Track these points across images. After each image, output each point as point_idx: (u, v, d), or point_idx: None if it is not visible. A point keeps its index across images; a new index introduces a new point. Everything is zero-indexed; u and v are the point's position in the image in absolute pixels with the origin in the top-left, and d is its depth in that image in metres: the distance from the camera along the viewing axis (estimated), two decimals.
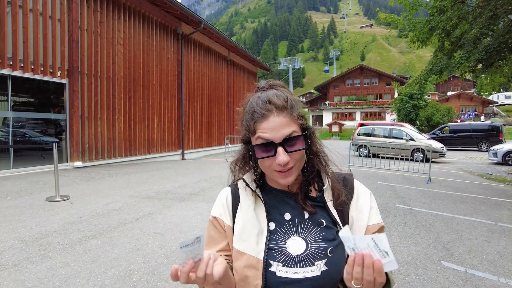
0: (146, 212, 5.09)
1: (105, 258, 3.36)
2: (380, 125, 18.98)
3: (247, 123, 0.86)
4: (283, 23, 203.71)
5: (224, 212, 0.92)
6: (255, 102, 0.85)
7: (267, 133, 0.81)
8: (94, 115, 9.67)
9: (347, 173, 0.98)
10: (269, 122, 0.81)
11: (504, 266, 3.52)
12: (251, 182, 0.92)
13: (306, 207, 0.87)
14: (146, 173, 9.06)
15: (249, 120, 0.85)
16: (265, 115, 0.82)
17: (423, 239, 4.32)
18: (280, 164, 0.79)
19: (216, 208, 0.95)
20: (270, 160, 0.82)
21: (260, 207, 0.89)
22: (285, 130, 0.81)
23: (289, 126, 0.82)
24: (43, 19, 8.43)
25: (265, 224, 0.85)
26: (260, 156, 0.83)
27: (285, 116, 0.82)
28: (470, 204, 6.38)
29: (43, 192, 6.10)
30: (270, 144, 0.81)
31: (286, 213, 0.88)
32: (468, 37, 8.13)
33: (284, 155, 0.79)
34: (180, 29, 13.42)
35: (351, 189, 0.93)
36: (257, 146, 0.82)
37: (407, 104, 30.98)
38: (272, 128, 0.80)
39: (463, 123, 25.34)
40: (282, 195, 0.91)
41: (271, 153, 0.81)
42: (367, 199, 0.92)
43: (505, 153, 13.56)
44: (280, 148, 0.80)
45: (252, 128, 0.84)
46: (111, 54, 10.27)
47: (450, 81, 58.84)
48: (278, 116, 0.81)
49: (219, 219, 0.92)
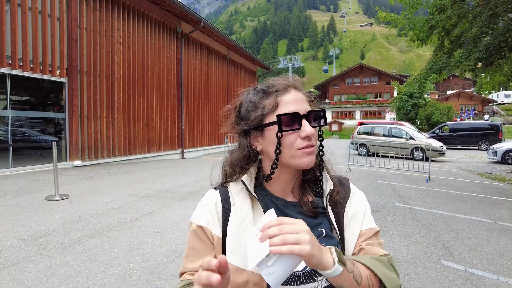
0: (145, 211, 5.08)
1: (104, 257, 3.36)
2: (380, 124, 18.98)
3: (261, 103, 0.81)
4: (283, 21, 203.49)
5: (213, 220, 0.81)
6: (271, 81, 0.84)
7: (292, 104, 0.77)
8: (94, 114, 9.66)
9: (343, 177, 0.92)
10: (293, 94, 0.79)
11: (504, 265, 3.52)
12: (250, 184, 0.82)
13: (310, 212, 0.81)
14: (145, 172, 9.06)
15: (265, 97, 0.80)
16: (287, 89, 0.80)
17: (422, 238, 4.32)
18: (308, 135, 0.75)
19: (202, 216, 0.82)
20: (294, 136, 0.77)
21: (258, 215, 0.79)
22: (306, 104, 0.80)
23: (307, 103, 0.81)
24: (42, 18, 8.40)
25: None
26: (285, 129, 0.77)
27: (302, 93, 0.82)
28: (469, 203, 6.38)
29: (43, 191, 6.09)
30: (294, 117, 0.76)
31: None
32: (468, 36, 8.12)
33: (310, 127, 0.76)
34: (180, 27, 13.39)
35: (347, 193, 0.88)
36: (284, 115, 0.76)
37: (406, 103, 30.97)
38: (295, 100, 0.78)
39: (463, 122, 25.35)
40: (279, 203, 0.83)
41: (296, 126, 0.76)
42: (362, 202, 0.87)
43: (505, 152, 13.57)
44: (305, 121, 0.76)
45: (273, 102, 0.79)
46: (111, 52, 10.24)
47: (449, 80, 58.80)
48: (298, 92, 0.81)
49: (206, 229, 0.80)
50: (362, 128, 16.92)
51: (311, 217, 0.80)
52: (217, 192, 0.85)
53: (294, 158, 0.77)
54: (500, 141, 18.21)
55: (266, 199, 0.83)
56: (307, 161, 0.77)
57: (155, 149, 12.16)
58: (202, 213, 0.83)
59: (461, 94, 46.58)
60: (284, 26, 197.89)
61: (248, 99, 0.84)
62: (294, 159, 0.78)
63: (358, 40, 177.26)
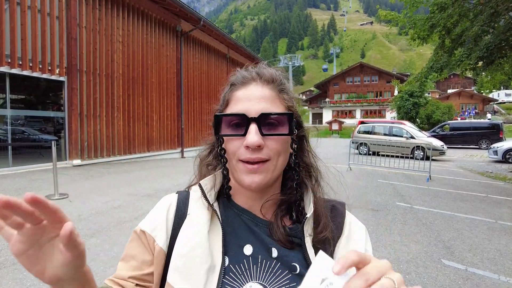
0: (145, 210, 5.07)
1: (104, 257, 3.35)
2: (380, 123, 18.96)
3: (223, 98, 0.70)
4: (283, 20, 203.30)
5: (160, 227, 0.66)
6: (239, 72, 0.71)
7: (241, 103, 0.63)
8: (93, 113, 9.64)
9: (338, 201, 0.74)
10: (248, 89, 0.64)
11: (505, 264, 3.51)
12: (210, 191, 0.67)
13: (282, 241, 0.63)
14: (145, 171, 9.05)
15: (225, 92, 0.69)
16: (245, 82, 0.66)
17: (423, 237, 4.31)
18: (248, 145, 0.59)
19: (149, 220, 0.68)
20: (237, 142, 0.62)
21: (216, 231, 0.63)
22: (266, 104, 0.63)
23: (273, 103, 0.64)
24: (42, 16, 8.38)
25: (219, 258, 0.60)
26: (226, 133, 0.63)
27: (270, 90, 0.65)
28: (470, 202, 6.37)
29: (42, 190, 6.08)
30: (242, 120, 0.61)
31: (247, 244, 0.63)
32: (468, 35, 8.09)
33: (256, 135, 0.59)
34: (179, 26, 13.37)
35: (341, 224, 0.69)
36: (225, 116, 0.63)
37: (407, 102, 30.94)
38: (249, 97, 0.63)
39: (463, 121, 25.33)
40: (247, 218, 0.67)
41: (240, 131, 0.61)
42: (361, 239, 0.67)
43: (506, 151, 13.55)
44: (254, 126, 0.60)
45: (226, 98, 0.67)
46: (110, 51, 10.22)
47: (450, 79, 58.77)
48: (261, 87, 0.65)
49: (149, 236, 0.65)
50: (363, 127, 16.90)
51: (284, 246, 0.63)
52: (176, 196, 0.72)
53: (236, 172, 0.64)
54: (500, 140, 18.18)
55: (230, 212, 0.68)
56: (247, 181, 0.61)
57: (154, 148, 12.15)
58: (149, 217, 0.69)
59: (462, 93, 46.57)
60: (284, 25, 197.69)
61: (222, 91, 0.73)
62: (236, 172, 0.64)
63: (358, 38, 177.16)
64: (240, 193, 0.69)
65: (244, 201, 0.69)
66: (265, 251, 0.63)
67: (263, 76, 0.66)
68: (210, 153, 0.75)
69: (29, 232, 0.41)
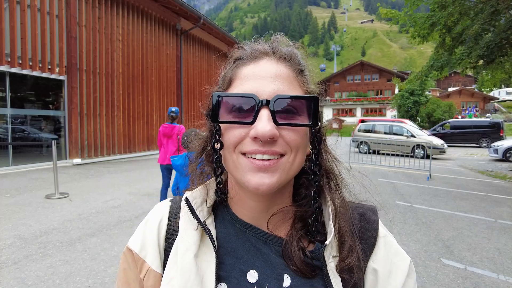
0: (145, 210, 5.08)
1: (104, 256, 3.36)
2: (381, 121, 18.93)
3: (223, 77, 0.55)
4: (283, 18, 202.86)
5: (151, 246, 0.55)
6: (247, 45, 0.56)
7: (249, 82, 0.49)
8: (93, 111, 9.64)
9: (368, 207, 0.60)
10: (259, 65, 0.50)
11: (504, 263, 3.51)
12: (201, 205, 0.54)
13: (301, 268, 0.50)
14: (145, 170, 9.05)
15: (228, 69, 0.55)
16: (256, 57, 0.52)
17: (423, 236, 4.31)
18: (257, 136, 0.45)
19: (138, 237, 0.57)
20: (240, 131, 0.48)
21: (207, 253, 0.51)
22: (282, 85, 0.49)
23: (291, 85, 0.50)
24: (41, 15, 8.37)
25: (210, 286, 0.48)
26: (226, 119, 0.48)
27: (287, 68, 0.51)
28: (470, 201, 6.37)
29: (42, 190, 6.09)
30: (249, 103, 0.47)
31: (251, 270, 0.51)
32: (469, 33, 8.08)
33: (268, 123, 0.45)
34: (179, 24, 13.34)
35: (373, 238, 0.54)
36: (226, 97, 0.48)
37: (407, 100, 30.92)
38: (260, 74, 0.49)
39: (464, 120, 25.29)
40: (252, 235, 0.54)
41: (247, 118, 0.47)
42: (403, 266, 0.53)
43: (506, 149, 13.53)
44: (265, 111, 0.46)
45: (228, 76, 0.53)
46: (110, 50, 10.21)
47: (451, 77, 58.66)
48: (276, 63, 0.51)
49: (137, 257, 0.55)
50: (363, 126, 16.89)
51: (301, 275, 0.50)
52: (168, 205, 0.60)
53: (237, 169, 0.49)
54: (501, 138, 18.16)
55: (232, 229, 0.55)
56: (254, 182, 0.46)
57: (155, 147, 12.16)
58: (138, 233, 0.58)
59: (463, 91, 46.49)
60: (285, 23, 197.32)
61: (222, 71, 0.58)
62: (237, 171, 0.49)
63: (359, 36, 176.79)
64: (240, 202, 0.55)
65: (245, 213, 0.55)
66: (275, 279, 0.50)
67: (278, 51, 0.52)
68: (203, 151, 0.60)
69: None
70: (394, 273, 0.52)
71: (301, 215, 0.54)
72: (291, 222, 0.55)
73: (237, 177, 0.49)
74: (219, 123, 0.49)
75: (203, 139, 0.60)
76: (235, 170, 0.49)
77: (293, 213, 0.54)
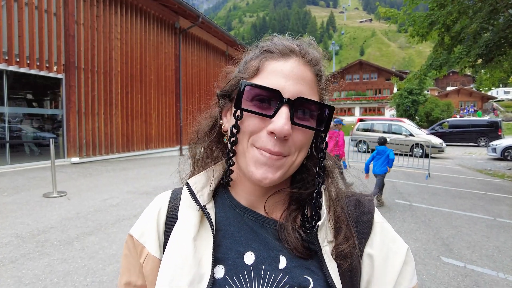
0: (144, 208, 5.04)
1: (103, 255, 3.34)
2: (379, 120, 18.96)
3: (247, 64, 0.57)
4: (282, 17, 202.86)
5: (150, 232, 0.59)
6: (278, 39, 0.59)
7: (276, 77, 0.51)
8: (91, 110, 9.60)
9: (363, 195, 0.62)
10: (288, 64, 0.52)
11: (503, 261, 3.51)
12: (202, 190, 0.58)
13: (295, 248, 0.52)
14: (143, 168, 9.03)
15: (254, 57, 0.56)
16: (286, 54, 0.54)
17: (422, 234, 4.31)
18: (275, 132, 0.49)
19: (139, 224, 0.61)
20: (259, 122, 0.51)
21: (205, 235, 0.54)
22: (305, 88, 0.52)
23: (311, 89, 0.53)
24: (39, 13, 8.32)
25: (207, 267, 0.51)
26: (247, 106, 0.51)
27: (311, 73, 0.54)
28: (469, 200, 6.38)
29: (40, 188, 6.06)
30: (273, 97, 0.50)
31: (248, 251, 0.53)
32: (468, 32, 8.08)
33: (287, 121, 0.49)
34: (178, 23, 13.30)
35: (368, 224, 0.56)
36: (253, 86, 0.51)
37: (406, 99, 31.00)
38: (288, 73, 0.51)
39: (462, 119, 25.35)
40: (250, 218, 0.57)
41: (268, 112, 0.50)
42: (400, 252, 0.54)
43: (504, 148, 13.59)
44: (286, 109, 0.49)
45: (255, 66, 0.54)
46: (108, 48, 10.17)
47: (449, 76, 58.80)
48: (304, 65, 0.54)
49: (137, 243, 0.59)
50: (362, 125, 16.93)
51: (297, 255, 0.52)
52: (169, 194, 0.64)
53: (245, 158, 0.53)
54: (499, 137, 18.22)
55: (231, 212, 0.58)
56: (259, 174, 0.50)
57: (153, 146, 12.13)
58: (139, 221, 0.62)
59: (461, 91, 46.63)
60: (283, 22, 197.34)
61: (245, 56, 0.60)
62: (245, 159, 0.53)
63: (357, 36, 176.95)
64: (241, 186, 0.58)
65: (244, 196, 0.58)
66: (271, 260, 0.52)
67: (307, 54, 0.55)
68: (213, 128, 0.63)
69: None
70: (391, 259, 0.53)
71: (296, 197, 0.57)
72: (287, 204, 0.58)
73: (242, 165, 0.53)
74: (242, 110, 0.52)
75: (212, 119, 0.63)
76: (242, 156, 0.53)
77: (289, 195, 0.58)
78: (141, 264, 0.58)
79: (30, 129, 9.30)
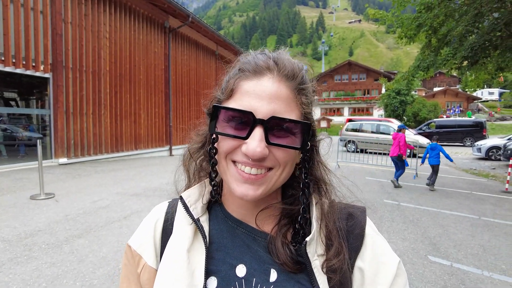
0: (134, 210, 5.02)
1: (93, 258, 3.30)
2: (368, 120, 19.19)
3: (226, 83, 0.57)
4: (272, 17, 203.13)
5: (147, 244, 0.60)
6: (252, 56, 0.57)
7: (249, 98, 0.51)
8: (79, 110, 9.45)
9: (357, 207, 0.62)
10: (261, 83, 0.51)
11: (488, 260, 3.62)
12: (195, 203, 0.59)
13: (286, 263, 0.53)
14: (133, 169, 8.93)
15: (232, 77, 0.56)
16: (259, 72, 0.53)
17: (410, 234, 4.40)
18: (247, 154, 0.49)
19: (137, 234, 0.63)
20: (235, 142, 0.51)
21: (198, 247, 0.55)
22: (279, 106, 0.51)
23: (288, 106, 0.52)
24: (25, 11, 8.13)
25: (200, 279, 0.52)
26: (223, 131, 0.52)
27: (287, 88, 0.52)
28: (455, 199, 6.53)
29: (27, 190, 5.94)
30: (246, 119, 0.50)
31: (240, 264, 0.55)
32: (454, 35, 8.26)
33: (260, 143, 0.48)
34: (168, 22, 13.19)
35: (360, 237, 0.56)
36: (225, 109, 0.51)
37: (394, 99, 31.44)
38: (261, 93, 0.50)
39: (449, 119, 25.87)
40: (243, 231, 0.58)
41: (241, 133, 0.50)
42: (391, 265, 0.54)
43: (489, 148, 13.95)
44: (259, 130, 0.49)
45: (230, 86, 0.54)
46: (97, 48, 10.02)
47: (436, 77, 59.90)
48: (278, 82, 0.52)
49: (135, 253, 0.60)
50: (351, 125, 17.11)
51: (287, 270, 0.53)
52: (165, 206, 0.65)
53: (226, 175, 0.54)
54: (484, 137, 18.68)
55: (224, 225, 0.59)
56: (239, 191, 0.51)
57: (142, 146, 12.01)
58: (137, 231, 0.63)
59: (447, 91, 47.55)
60: (273, 22, 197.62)
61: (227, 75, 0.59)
62: (226, 176, 0.54)
63: (346, 36, 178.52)
64: (231, 199, 0.59)
65: (235, 209, 0.59)
66: (262, 273, 0.54)
67: (282, 68, 0.53)
68: (202, 147, 0.63)
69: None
70: (382, 272, 0.53)
71: (287, 212, 0.58)
72: (278, 219, 0.58)
73: (226, 181, 0.55)
74: (216, 134, 0.53)
75: (203, 135, 0.63)
76: (224, 174, 0.54)
77: (280, 210, 0.58)
78: (138, 273, 0.59)
79: (16, 129, 9.09)
